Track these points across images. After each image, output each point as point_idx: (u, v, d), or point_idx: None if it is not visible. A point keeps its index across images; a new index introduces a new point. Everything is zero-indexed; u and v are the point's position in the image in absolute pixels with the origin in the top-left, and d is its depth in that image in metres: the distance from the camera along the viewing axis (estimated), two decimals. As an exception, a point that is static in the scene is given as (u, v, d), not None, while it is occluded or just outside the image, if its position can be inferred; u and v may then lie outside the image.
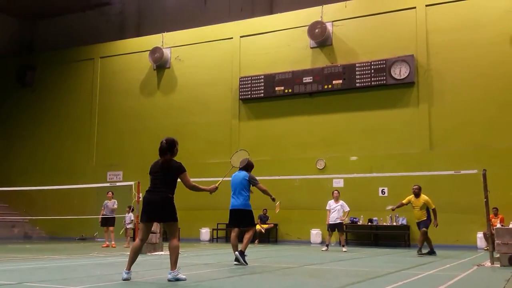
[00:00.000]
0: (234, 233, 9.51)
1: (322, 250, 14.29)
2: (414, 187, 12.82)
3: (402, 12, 19.15)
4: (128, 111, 23.67)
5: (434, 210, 12.58)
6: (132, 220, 15.65)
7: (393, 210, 13.94)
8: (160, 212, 6.59)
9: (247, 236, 9.27)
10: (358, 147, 19.05)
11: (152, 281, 6.89)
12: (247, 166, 9.61)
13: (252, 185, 9.47)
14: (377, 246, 17.55)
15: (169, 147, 6.68)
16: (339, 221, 14.50)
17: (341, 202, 14.67)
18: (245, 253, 9.19)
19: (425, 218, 12.55)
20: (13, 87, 26.48)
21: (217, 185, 7.36)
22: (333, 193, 14.89)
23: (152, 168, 6.81)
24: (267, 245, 18.00)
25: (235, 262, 9.08)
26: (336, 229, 14.64)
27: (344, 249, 14.24)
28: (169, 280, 6.42)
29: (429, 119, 18.16)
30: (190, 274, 7.96)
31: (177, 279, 6.41)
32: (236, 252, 9.13)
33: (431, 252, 12.67)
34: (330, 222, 14.57)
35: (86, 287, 6.20)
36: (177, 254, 6.53)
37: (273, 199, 9.47)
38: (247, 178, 9.43)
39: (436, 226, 12.55)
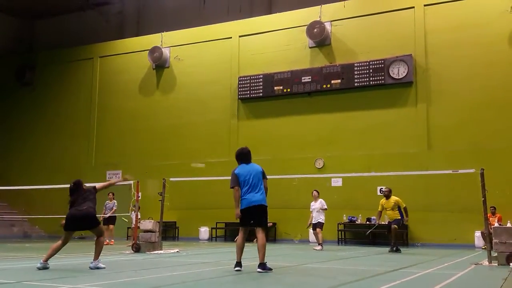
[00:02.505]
0: (242, 234, 8.01)
1: (317, 250, 14.14)
2: (384, 189, 13.77)
3: (400, 12, 19.19)
4: (127, 110, 23.69)
5: (405, 208, 13.55)
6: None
7: (378, 224, 14.62)
8: (88, 224, 8.33)
9: (262, 243, 7.88)
10: (356, 147, 19.09)
11: (152, 280, 6.95)
12: (250, 156, 8.62)
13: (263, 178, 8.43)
14: (375, 245, 17.59)
15: (77, 188, 8.61)
16: (318, 221, 14.63)
17: (319, 200, 14.73)
18: (266, 262, 7.89)
19: (398, 218, 13.37)
20: (12, 86, 26.49)
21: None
22: (312, 193, 14.99)
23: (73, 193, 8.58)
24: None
25: (237, 268, 7.88)
26: (316, 228, 14.70)
27: (317, 247, 14.25)
28: (90, 268, 7.97)
29: (427, 118, 18.19)
30: (188, 273, 8.02)
31: (97, 268, 8.01)
32: (259, 269, 7.74)
33: (396, 249, 13.26)
34: (313, 222, 14.79)
35: (86, 285, 6.24)
36: (102, 248, 8.33)
37: None
38: (261, 171, 8.49)
39: (406, 222, 13.76)
